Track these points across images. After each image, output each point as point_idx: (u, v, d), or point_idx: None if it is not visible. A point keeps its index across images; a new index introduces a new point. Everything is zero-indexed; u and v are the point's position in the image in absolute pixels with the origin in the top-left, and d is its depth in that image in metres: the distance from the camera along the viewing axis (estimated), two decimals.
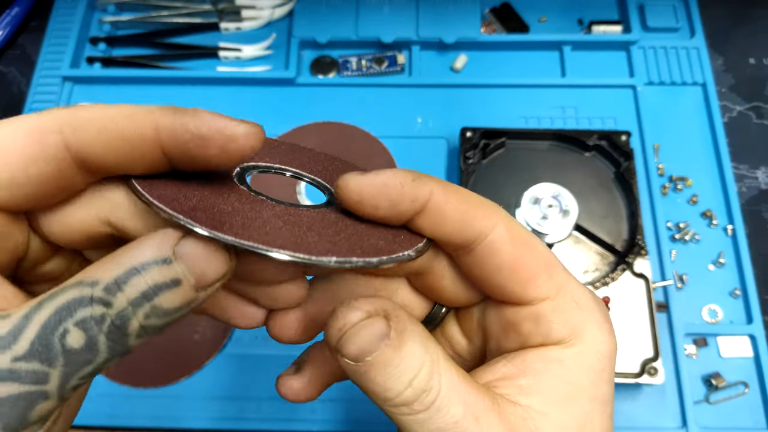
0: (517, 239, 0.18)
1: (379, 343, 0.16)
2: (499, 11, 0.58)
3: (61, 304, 0.14)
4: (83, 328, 0.14)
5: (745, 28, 0.58)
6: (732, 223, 0.48)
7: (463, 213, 0.18)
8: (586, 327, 0.18)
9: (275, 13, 0.58)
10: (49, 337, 0.14)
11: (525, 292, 0.18)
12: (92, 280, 0.15)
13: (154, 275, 0.15)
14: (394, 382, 0.16)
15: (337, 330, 0.16)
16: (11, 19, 0.60)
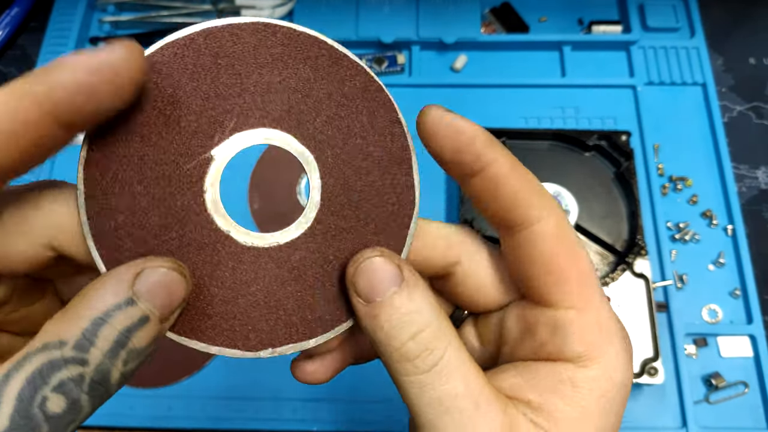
0: (563, 239, 0.18)
1: (390, 286, 0.17)
2: (499, 11, 0.58)
3: (31, 372, 0.14)
4: (62, 392, 0.14)
5: (745, 28, 0.58)
6: (732, 223, 0.48)
7: (517, 193, 0.18)
8: (605, 351, 0.18)
9: (275, 13, 0.58)
10: (28, 408, 0.14)
11: (552, 292, 0.18)
12: (58, 340, 0.14)
13: (122, 320, 0.14)
14: (399, 330, 0.16)
15: (353, 265, 0.17)
16: (11, 19, 0.60)
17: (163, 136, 0.17)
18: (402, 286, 0.17)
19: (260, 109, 0.18)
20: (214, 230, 0.17)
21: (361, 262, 0.17)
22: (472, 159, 0.18)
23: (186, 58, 0.17)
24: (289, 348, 0.18)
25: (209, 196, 0.17)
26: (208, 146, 0.17)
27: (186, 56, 0.17)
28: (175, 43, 0.17)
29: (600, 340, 0.18)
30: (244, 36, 0.17)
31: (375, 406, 0.44)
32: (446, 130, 0.18)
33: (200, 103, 0.17)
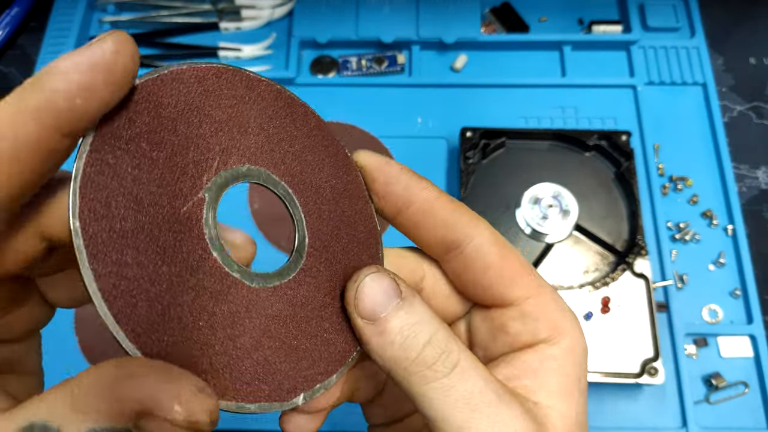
0: (500, 243, 0.20)
1: (391, 299, 0.17)
2: (499, 11, 0.58)
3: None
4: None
5: (746, 28, 0.58)
6: (732, 223, 0.48)
7: (451, 214, 0.20)
8: (566, 325, 0.20)
9: (275, 13, 0.58)
10: None
11: (510, 291, 0.20)
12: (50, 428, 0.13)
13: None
14: (412, 340, 0.17)
15: (352, 287, 0.18)
16: (11, 19, 0.60)
17: (154, 180, 0.16)
18: (402, 297, 0.17)
19: (237, 147, 0.18)
20: (224, 275, 0.16)
21: (359, 282, 0.18)
22: (403, 188, 0.19)
23: (164, 100, 0.16)
24: (318, 389, 0.18)
25: (209, 237, 0.16)
26: (198, 186, 0.16)
27: (164, 99, 0.16)
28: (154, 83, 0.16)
29: (560, 315, 0.20)
30: (209, 79, 0.17)
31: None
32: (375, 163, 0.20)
33: (183, 143, 0.16)
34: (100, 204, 0.14)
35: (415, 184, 0.19)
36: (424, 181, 0.20)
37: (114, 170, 0.15)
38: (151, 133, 0.16)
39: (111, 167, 0.15)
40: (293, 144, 0.19)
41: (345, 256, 0.19)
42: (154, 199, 0.15)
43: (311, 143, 0.20)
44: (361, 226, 0.20)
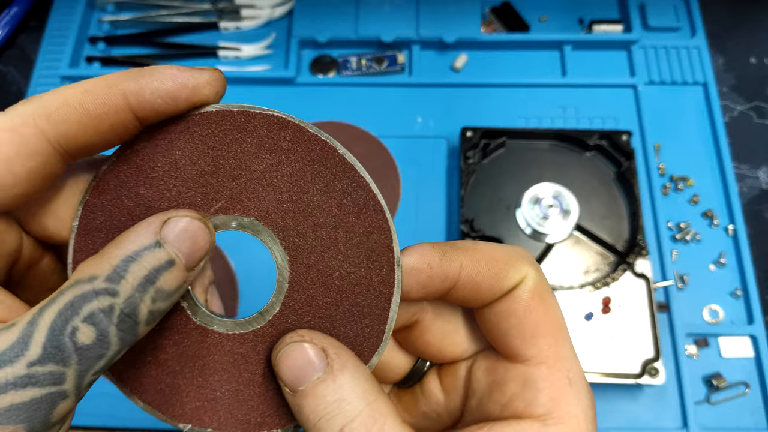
0: (536, 294, 0.18)
1: (313, 372, 0.16)
2: (500, 10, 0.58)
3: (64, 304, 0.14)
4: (92, 322, 0.14)
5: (746, 28, 0.58)
6: (733, 223, 0.48)
7: (495, 277, 0.18)
8: (570, 410, 0.17)
9: (275, 13, 0.58)
10: (59, 337, 0.14)
11: (525, 347, 0.18)
12: (89, 276, 0.15)
13: (151, 260, 0.15)
14: (325, 422, 0.15)
15: (276, 351, 0.17)
16: (10, 18, 0.60)
17: (155, 199, 0.17)
18: (326, 371, 0.16)
19: (250, 198, 0.18)
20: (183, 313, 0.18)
21: (281, 348, 0.16)
22: (441, 282, 0.18)
23: (195, 133, 0.17)
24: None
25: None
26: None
27: (196, 131, 0.17)
28: (191, 118, 0.17)
29: (569, 398, 0.17)
30: (255, 125, 0.17)
31: None
32: (407, 277, 0.17)
33: (195, 177, 0.17)
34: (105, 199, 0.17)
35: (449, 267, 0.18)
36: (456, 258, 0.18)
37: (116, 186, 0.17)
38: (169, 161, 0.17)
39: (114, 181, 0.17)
40: (320, 216, 0.18)
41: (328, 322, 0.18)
42: (149, 213, 0.17)
43: (348, 223, 0.18)
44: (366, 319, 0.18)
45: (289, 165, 0.18)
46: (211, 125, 0.17)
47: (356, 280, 0.18)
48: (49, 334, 0.14)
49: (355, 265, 0.18)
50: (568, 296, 0.43)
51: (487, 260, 0.18)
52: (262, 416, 0.17)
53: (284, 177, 0.18)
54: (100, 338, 0.14)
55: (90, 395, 0.44)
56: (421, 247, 0.18)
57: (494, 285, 0.18)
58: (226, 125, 0.17)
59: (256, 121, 0.17)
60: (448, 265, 0.17)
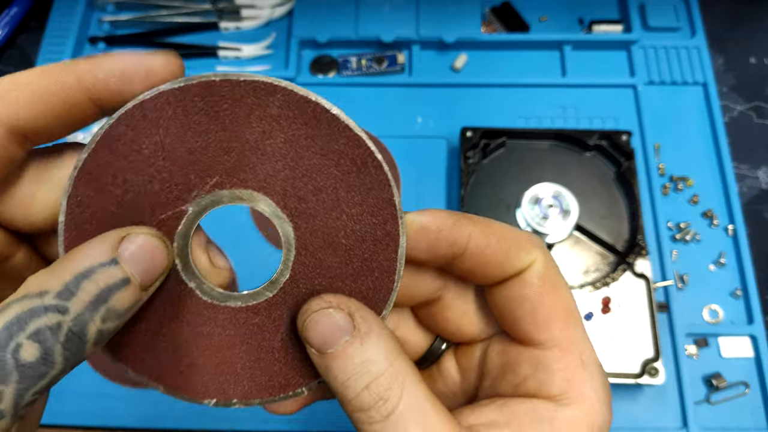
0: (547, 279, 0.18)
1: (341, 336, 0.17)
2: (500, 10, 0.58)
3: (9, 319, 0.14)
4: (37, 339, 0.14)
5: (746, 28, 0.58)
6: (733, 223, 0.48)
7: (504, 254, 0.18)
8: (585, 391, 0.18)
9: (275, 13, 0.58)
10: (1, 354, 0.13)
11: (537, 332, 0.18)
12: (39, 290, 0.14)
13: (104, 277, 0.15)
14: (353, 381, 0.16)
15: (302, 318, 0.17)
16: (10, 18, 0.60)
17: (145, 184, 0.17)
18: (354, 334, 0.17)
19: (245, 170, 0.17)
20: (180, 282, 0.18)
21: (309, 314, 0.17)
22: (448, 246, 0.18)
23: (178, 108, 0.17)
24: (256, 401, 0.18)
25: (176, 246, 0.17)
26: (185, 199, 0.17)
27: (179, 106, 0.17)
28: (171, 92, 0.17)
29: (582, 379, 0.18)
30: (242, 93, 0.17)
31: None
32: (409, 233, 0.18)
33: (185, 155, 0.17)
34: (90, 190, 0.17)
35: (458, 235, 0.18)
36: (467, 227, 0.18)
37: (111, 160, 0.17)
38: (153, 142, 0.17)
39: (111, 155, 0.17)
40: (319, 179, 0.18)
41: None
42: (140, 199, 0.17)
43: (346, 182, 0.18)
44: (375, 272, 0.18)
45: (281, 131, 0.17)
46: (194, 98, 0.17)
47: (362, 237, 0.18)
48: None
49: (360, 223, 0.18)
50: None
51: (498, 236, 0.18)
52: (286, 378, 0.18)
53: (278, 144, 0.17)
54: (45, 357, 0.14)
55: (89, 395, 0.44)
56: (436, 210, 0.18)
57: (503, 262, 0.18)
58: (210, 97, 0.17)
59: (242, 89, 0.17)
60: (458, 231, 0.18)
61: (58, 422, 0.44)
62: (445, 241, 0.18)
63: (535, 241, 0.19)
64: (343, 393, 0.17)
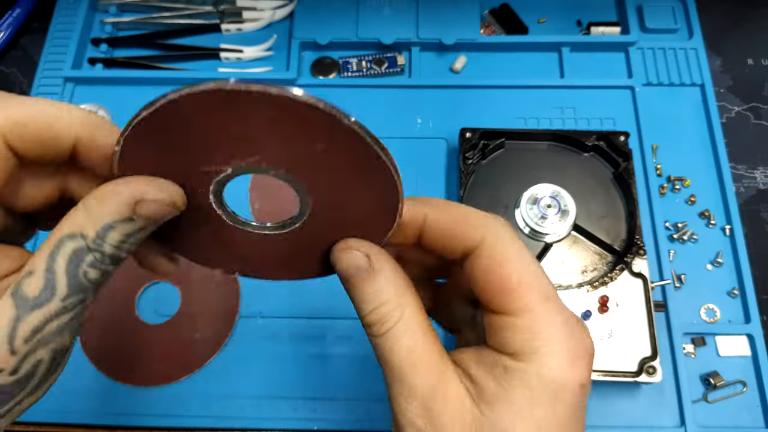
0: (497, 252, 0.21)
1: (359, 271, 0.21)
2: (499, 13, 0.58)
3: (69, 254, 0.19)
4: (94, 266, 0.20)
5: (744, 29, 0.59)
6: (730, 223, 0.49)
7: (456, 230, 0.22)
8: (539, 350, 0.20)
9: (276, 15, 0.58)
10: (78, 280, 0.19)
11: (495, 302, 0.21)
12: (80, 233, 0.19)
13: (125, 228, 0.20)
14: (365, 304, 0.21)
15: (335, 253, 0.22)
16: (13, 20, 0.60)
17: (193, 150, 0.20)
18: (369, 270, 0.21)
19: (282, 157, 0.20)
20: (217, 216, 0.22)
21: (340, 251, 0.22)
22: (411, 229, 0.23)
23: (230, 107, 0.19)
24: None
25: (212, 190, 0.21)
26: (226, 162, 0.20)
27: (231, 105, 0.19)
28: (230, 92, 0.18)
29: (534, 341, 0.20)
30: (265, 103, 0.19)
31: (376, 404, 0.44)
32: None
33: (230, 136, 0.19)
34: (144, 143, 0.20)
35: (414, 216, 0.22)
36: (422, 208, 0.22)
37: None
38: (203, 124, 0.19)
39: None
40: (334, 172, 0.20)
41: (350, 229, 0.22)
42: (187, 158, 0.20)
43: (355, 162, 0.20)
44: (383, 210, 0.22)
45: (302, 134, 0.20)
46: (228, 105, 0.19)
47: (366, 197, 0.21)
48: (70, 280, 0.19)
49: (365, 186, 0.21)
50: (565, 295, 0.43)
51: (451, 215, 0.22)
52: (309, 267, 0.24)
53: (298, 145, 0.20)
54: (103, 274, 0.20)
55: (91, 393, 0.45)
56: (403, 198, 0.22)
57: (456, 237, 0.22)
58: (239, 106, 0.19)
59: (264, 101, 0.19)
60: (415, 212, 0.22)
61: (61, 420, 0.44)
62: (407, 222, 0.22)
63: (486, 217, 0.22)
64: (358, 310, 0.22)
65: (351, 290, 0.22)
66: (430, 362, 0.20)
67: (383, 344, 0.21)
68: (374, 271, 0.21)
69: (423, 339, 0.21)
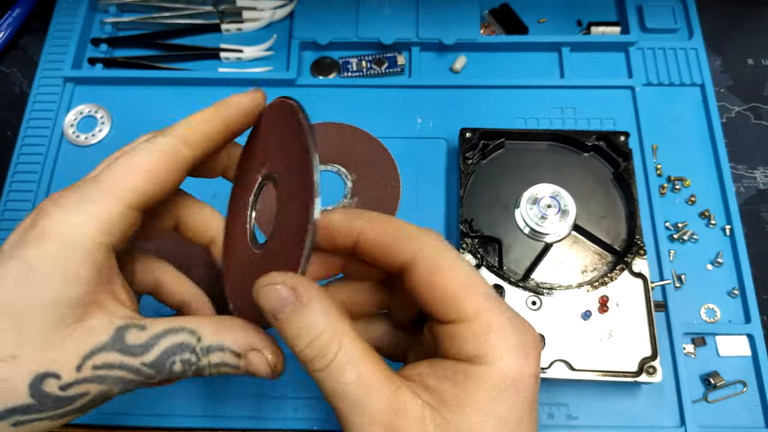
0: (433, 264, 0.22)
1: (285, 305, 0.21)
2: (499, 13, 0.58)
3: (175, 342, 0.22)
4: (184, 363, 0.23)
5: (744, 29, 0.59)
6: (730, 223, 0.49)
7: (390, 244, 0.23)
8: (494, 350, 0.21)
9: (276, 15, 0.58)
10: (165, 361, 0.22)
11: (441, 312, 0.22)
12: (198, 335, 0.23)
13: (228, 358, 0.23)
14: (298, 339, 0.21)
15: (255, 291, 0.22)
16: (13, 20, 0.60)
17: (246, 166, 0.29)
18: (297, 304, 0.21)
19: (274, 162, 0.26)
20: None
21: (260, 288, 0.22)
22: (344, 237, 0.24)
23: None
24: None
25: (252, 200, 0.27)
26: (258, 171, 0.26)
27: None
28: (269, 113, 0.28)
29: (492, 341, 0.21)
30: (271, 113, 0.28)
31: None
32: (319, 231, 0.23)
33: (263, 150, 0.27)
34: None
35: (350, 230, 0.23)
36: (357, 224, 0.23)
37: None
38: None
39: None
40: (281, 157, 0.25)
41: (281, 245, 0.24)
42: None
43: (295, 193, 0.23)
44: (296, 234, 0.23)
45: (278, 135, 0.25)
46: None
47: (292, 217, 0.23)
48: (161, 355, 0.22)
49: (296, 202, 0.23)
50: (565, 295, 0.43)
51: (386, 230, 0.23)
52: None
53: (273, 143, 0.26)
54: (183, 372, 0.23)
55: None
56: (334, 212, 0.24)
57: (390, 252, 0.23)
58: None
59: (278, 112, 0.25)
60: (348, 225, 0.23)
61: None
62: (340, 234, 0.23)
63: (420, 232, 0.23)
64: (292, 347, 0.21)
65: (280, 327, 0.21)
66: (382, 385, 0.21)
67: (328, 378, 0.21)
68: (303, 304, 0.21)
69: (368, 364, 0.21)
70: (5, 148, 0.55)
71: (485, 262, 0.44)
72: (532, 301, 0.43)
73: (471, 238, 0.45)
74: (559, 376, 0.41)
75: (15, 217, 0.52)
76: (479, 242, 0.46)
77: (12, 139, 0.55)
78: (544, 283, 0.44)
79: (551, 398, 0.44)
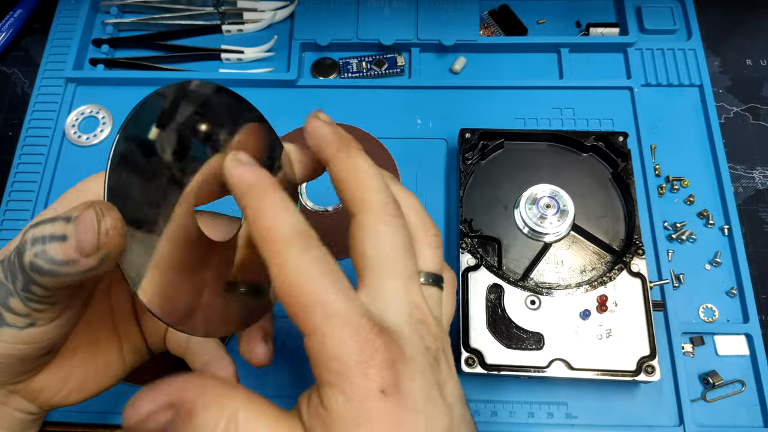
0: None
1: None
2: (498, 14, 0.59)
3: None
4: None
5: (742, 30, 0.59)
6: (728, 223, 0.49)
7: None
8: (340, 378, 0.19)
9: (277, 16, 0.59)
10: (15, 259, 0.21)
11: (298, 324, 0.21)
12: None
13: (54, 228, 0.20)
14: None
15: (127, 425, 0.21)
16: (14, 20, 0.61)
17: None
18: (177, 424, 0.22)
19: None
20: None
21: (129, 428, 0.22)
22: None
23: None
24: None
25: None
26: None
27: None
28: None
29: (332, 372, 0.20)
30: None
31: None
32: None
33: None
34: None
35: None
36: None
37: None
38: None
39: None
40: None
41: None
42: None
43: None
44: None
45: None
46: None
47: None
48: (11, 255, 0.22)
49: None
50: (564, 295, 0.43)
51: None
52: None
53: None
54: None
55: None
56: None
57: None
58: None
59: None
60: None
61: (61, 420, 0.44)
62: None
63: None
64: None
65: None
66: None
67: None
68: (186, 419, 0.21)
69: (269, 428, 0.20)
70: (7, 149, 0.55)
71: (484, 262, 0.44)
72: (531, 301, 0.43)
73: (470, 237, 0.45)
74: (558, 375, 0.41)
75: (16, 218, 0.52)
76: (479, 242, 0.46)
77: (13, 140, 0.55)
78: (543, 282, 0.44)
79: (550, 397, 0.44)
